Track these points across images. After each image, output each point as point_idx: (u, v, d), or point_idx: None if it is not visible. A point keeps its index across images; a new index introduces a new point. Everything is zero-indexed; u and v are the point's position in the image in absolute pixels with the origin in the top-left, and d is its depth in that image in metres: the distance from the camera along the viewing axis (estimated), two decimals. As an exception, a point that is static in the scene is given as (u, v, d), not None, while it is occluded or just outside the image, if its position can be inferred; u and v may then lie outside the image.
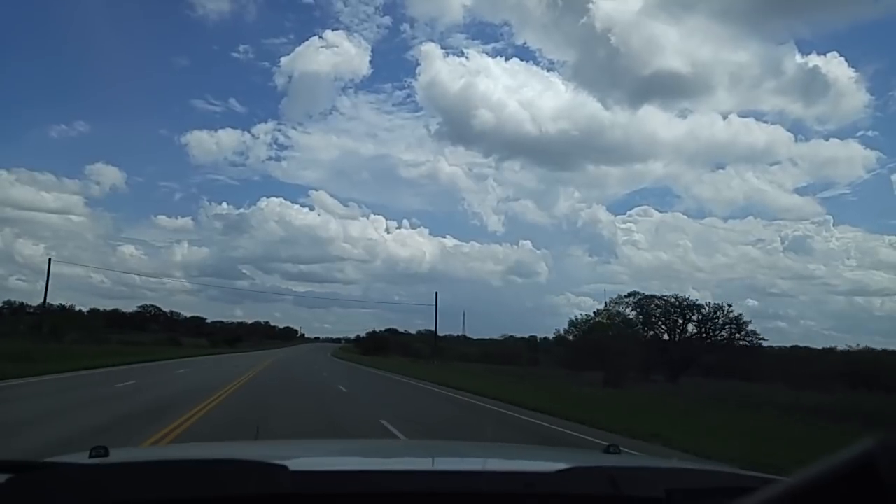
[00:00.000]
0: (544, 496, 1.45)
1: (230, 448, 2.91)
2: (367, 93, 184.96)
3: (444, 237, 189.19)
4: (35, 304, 77.41)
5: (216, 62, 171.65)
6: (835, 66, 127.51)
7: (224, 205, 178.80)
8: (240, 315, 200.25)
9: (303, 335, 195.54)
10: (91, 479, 1.37)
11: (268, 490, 1.31)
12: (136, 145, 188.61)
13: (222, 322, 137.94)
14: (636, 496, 1.49)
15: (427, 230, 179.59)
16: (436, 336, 76.40)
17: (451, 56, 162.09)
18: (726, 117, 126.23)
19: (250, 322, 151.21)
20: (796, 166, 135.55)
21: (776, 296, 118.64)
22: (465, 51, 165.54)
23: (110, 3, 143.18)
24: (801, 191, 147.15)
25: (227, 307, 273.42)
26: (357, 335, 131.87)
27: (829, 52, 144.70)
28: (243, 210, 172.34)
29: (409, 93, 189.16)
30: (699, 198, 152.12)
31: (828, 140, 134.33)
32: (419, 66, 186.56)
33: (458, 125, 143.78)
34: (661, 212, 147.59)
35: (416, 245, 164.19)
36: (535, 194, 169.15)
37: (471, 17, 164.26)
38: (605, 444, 2.27)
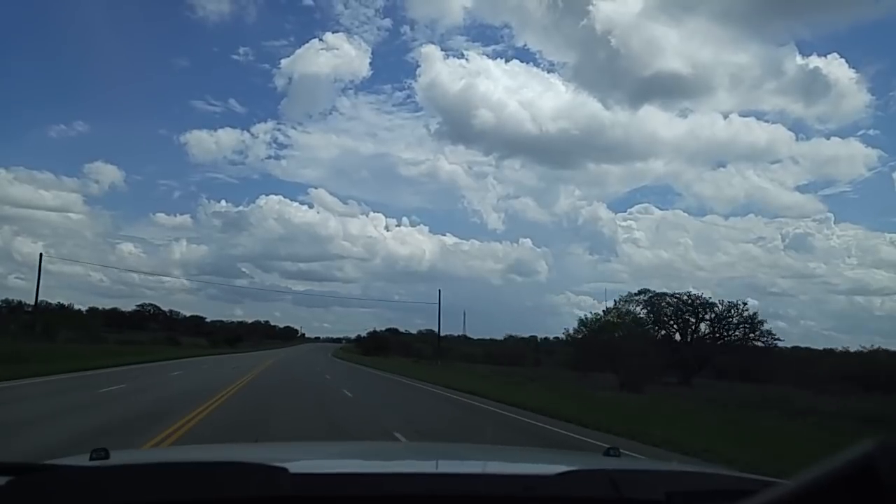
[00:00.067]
0: (544, 499, 1.44)
1: (230, 450, 2.92)
2: (366, 94, 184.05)
3: (444, 235, 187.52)
4: (35, 302, 76.19)
5: (216, 63, 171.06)
6: (835, 67, 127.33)
7: (223, 203, 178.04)
8: (240, 314, 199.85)
9: (303, 335, 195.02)
10: (91, 481, 1.36)
11: (268, 492, 1.31)
12: (135, 145, 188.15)
13: (222, 321, 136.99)
14: (637, 499, 1.47)
15: (427, 228, 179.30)
16: (439, 336, 75.14)
17: (451, 58, 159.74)
18: (727, 117, 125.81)
19: (250, 321, 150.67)
20: (797, 164, 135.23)
21: (776, 295, 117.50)
22: (465, 52, 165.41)
23: (110, 5, 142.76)
24: (802, 188, 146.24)
25: (226, 306, 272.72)
26: (358, 335, 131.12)
27: (830, 53, 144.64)
28: (242, 208, 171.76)
29: (409, 93, 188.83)
30: (700, 195, 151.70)
31: (829, 139, 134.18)
32: (419, 68, 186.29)
33: (458, 125, 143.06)
34: (661, 210, 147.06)
35: (415, 243, 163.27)
36: (535, 192, 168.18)
37: (471, 20, 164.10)
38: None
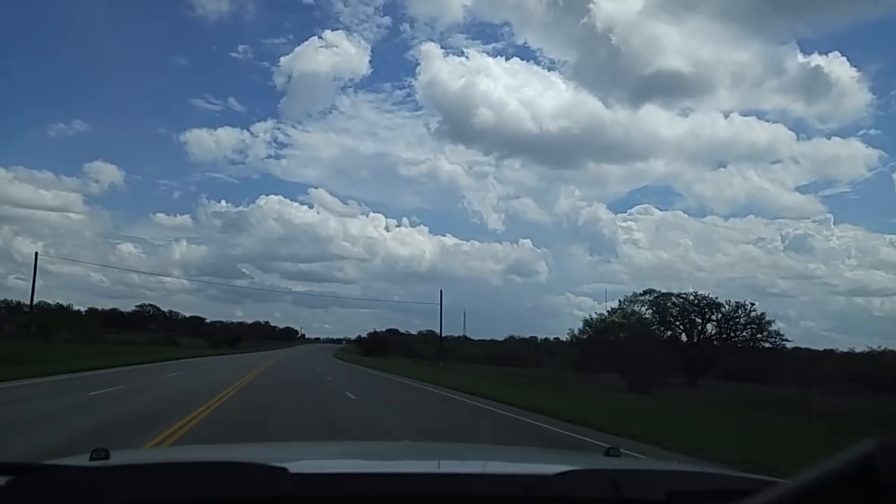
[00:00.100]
0: (544, 499, 1.43)
1: (231, 450, 2.91)
2: (366, 92, 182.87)
3: (444, 236, 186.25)
4: (34, 302, 75.39)
5: (215, 62, 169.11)
6: (836, 66, 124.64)
7: (223, 203, 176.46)
8: (240, 315, 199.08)
9: (303, 335, 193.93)
10: (91, 481, 1.36)
11: (268, 492, 1.30)
12: (134, 144, 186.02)
13: (222, 322, 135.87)
14: (637, 499, 1.46)
15: (427, 228, 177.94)
16: (441, 337, 74.41)
17: (451, 56, 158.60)
18: (728, 116, 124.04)
19: (250, 322, 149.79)
20: (798, 164, 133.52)
21: (776, 296, 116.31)
22: (465, 50, 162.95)
23: (109, 3, 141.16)
24: (802, 189, 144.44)
25: (226, 307, 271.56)
26: (358, 335, 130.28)
27: (831, 51, 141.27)
28: (242, 208, 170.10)
29: (408, 92, 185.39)
30: (700, 196, 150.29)
31: (829, 138, 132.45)
32: (419, 66, 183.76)
33: (458, 124, 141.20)
34: (661, 210, 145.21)
35: (415, 243, 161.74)
36: (535, 192, 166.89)
37: (471, 17, 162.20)
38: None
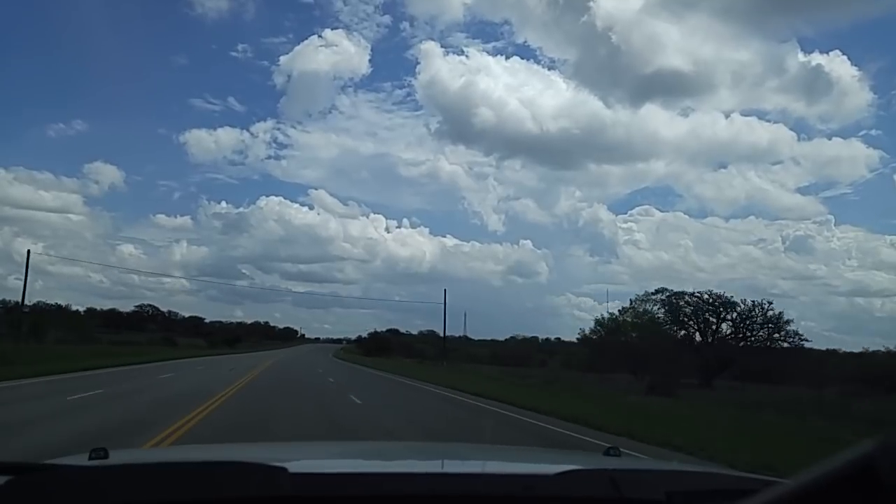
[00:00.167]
0: (544, 499, 1.42)
1: (230, 450, 2.86)
2: (366, 91, 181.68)
3: (445, 237, 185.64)
4: (32, 302, 74.15)
5: (215, 61, 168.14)
6: (837, 65, 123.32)
7: (223, 204, 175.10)
8: (239, 315, 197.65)
9: (303, 336, 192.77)
10: (91, 480, 1.35)
11: (268, 492, 1.30)
12: (134, 144, 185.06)
13: (221, 322, 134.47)
14: (637, 498, 1.45)
15: (427, 229, 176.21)
16: (444, 337, 72.93)
17: (451, 55, 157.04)
18: (728, 116, 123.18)
19: (250, 322, 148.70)
20: (798, 165, 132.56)
21: (777, 296, 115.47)
22: (465, 49, 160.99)
23: (109, 3, 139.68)
24: (802, 190, 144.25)
25: (226, 307, 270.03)
26: (358, 336, 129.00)
27: (832, 50, 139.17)
28: (242, 209, 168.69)
29: (408, 91, 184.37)
30: (701, 197, 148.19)
31: (830, 139, 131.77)
32: (419, 65, 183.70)
33: (458, 124, 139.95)
34: (662, 211, 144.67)
35: (416, 244, 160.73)
36: (535, 193, 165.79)
37: (471, 16, 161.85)
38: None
